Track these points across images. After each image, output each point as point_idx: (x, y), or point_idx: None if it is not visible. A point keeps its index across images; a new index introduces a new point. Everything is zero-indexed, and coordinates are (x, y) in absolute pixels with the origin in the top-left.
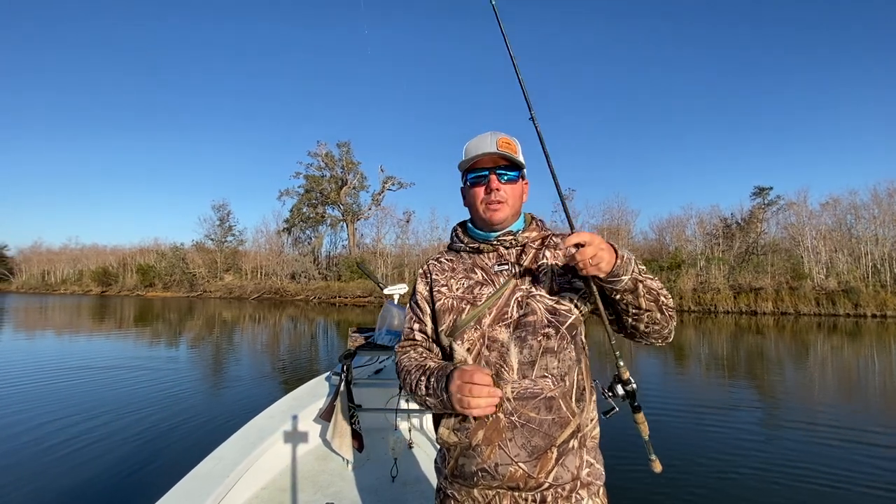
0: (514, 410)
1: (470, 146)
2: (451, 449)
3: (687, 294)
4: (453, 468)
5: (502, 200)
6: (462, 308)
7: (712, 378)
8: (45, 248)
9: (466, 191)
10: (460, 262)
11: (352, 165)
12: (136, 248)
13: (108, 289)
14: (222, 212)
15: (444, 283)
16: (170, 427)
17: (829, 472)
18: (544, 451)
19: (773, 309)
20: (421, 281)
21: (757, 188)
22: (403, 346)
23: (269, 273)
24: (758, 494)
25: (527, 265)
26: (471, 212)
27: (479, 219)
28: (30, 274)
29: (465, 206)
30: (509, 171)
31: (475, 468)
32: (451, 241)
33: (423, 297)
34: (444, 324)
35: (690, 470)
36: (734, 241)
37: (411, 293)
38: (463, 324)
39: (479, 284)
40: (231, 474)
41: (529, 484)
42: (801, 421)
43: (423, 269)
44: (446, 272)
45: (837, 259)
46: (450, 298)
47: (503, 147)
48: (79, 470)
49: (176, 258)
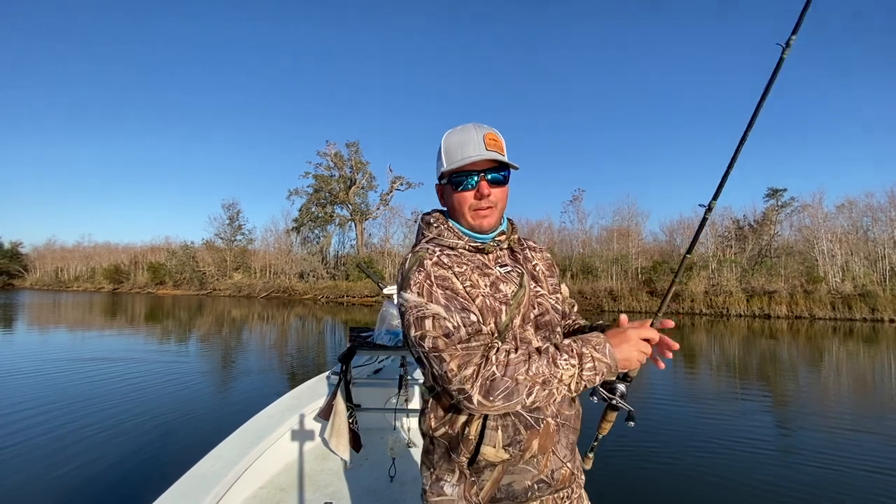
0: (557, 412)
1: (452, 142)
2: (485, 471)
3: (698, 297)
4: (493, 493)
5: (492, 206)
6: (499, 308)
7: (722, 382)
8: (58, 246)
9: (449, 193)
10: (465, 260)
11: (360, 165)
12: (148, 247)
13: (119, 286)
14: (232, 211)
15: (468, 278)
16: (177, 423)
17: (844, 482)
18: (574, 446)
19: (787, 313)
20: (444, 270)
21: (770, 190)
22: (471, 347)
23: (278, 272)
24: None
25: (528, 266)
26: (452, 214)
27: (465, 224)
28: (43, 271)
29: (442, 206)
30: (499, 173)
31: (531, 482)
32: (437, 237)
33: (457, 288)
34: (488, 325)
35: (696, 474)
36: (747, 244)
37: (431, 283)
38: (504, 325)
39: (500, 282)
40: (230, 473)
41: (570, 481)
42: (816, 427)
43: (434, 259)
44: (462, 265)
45: (853, 262)
46: (485, 297)
47: (492, 146)
48: (84, 464)
49: (186, 256)
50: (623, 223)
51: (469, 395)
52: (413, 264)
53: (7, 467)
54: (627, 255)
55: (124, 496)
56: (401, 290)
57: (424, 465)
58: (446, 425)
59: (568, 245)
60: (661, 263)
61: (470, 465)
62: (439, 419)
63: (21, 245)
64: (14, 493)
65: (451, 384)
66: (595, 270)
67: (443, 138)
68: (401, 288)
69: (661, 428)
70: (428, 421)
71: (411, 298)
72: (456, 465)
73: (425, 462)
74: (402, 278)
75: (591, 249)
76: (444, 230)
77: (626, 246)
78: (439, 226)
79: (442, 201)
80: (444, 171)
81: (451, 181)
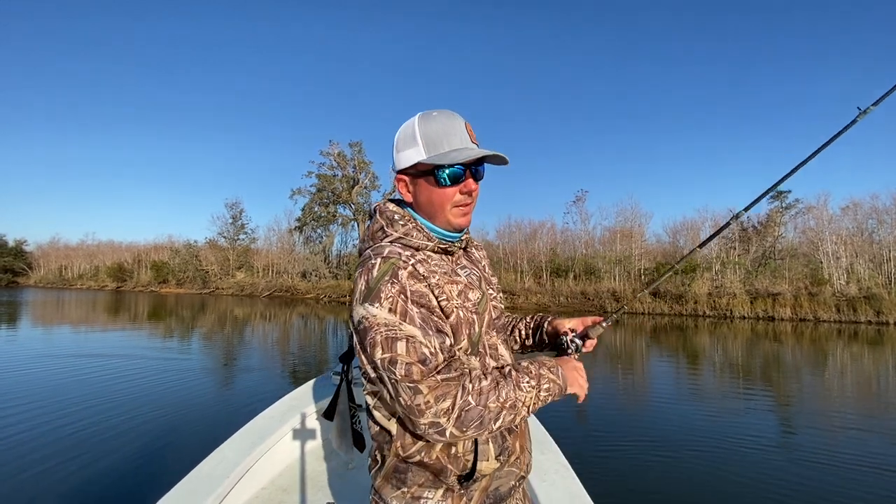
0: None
1: (434, 130)
2: (474, 483)
3: (702, 298)
4: (482, 501)
5: (473, 203)
6: (472, 319)
7: (725, 384)
8: (62, 244)
9: (424, 187)
10: (434, 266)
11: (363, 165)
12: (151, 245)
13: (122, 284)
14: (235, 210)
15: (443, 291)
16: (179, 422)
17: (850, 478)
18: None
19: (791, 315)
20: (420, 284)
21: (775, 191)
22: (450, 378)
23: (281, 271)
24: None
25: (479, 267)
26: (422, 209)
27: (440, 222)
28: (47, 269)
29: (407, 199)
30: (481, 167)
31: (514, 481)
32: (403, 236)
33: (433, 306)
34: (463, 340)
35: (698, 474)
36: (751, 245)
37: (406, 299)
38: (477, 338)
39: (468, 290)
40: (231, 474)
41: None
42: (820, 428)
43: (409, 269)
44: (436, 274)
45: (858, 264)
46: (459, 309)
47: (473, 138)
48: (85, 464)
49: (189, 255)
50: (626, 224)
51: (443, 428)
52: (384, 273)
53: (7, 466)
54: (630, 256)
55: (127, 496)
56: (365, 302)
57: (390, 484)
58: (423, 451)
59: (571, 246)
60: (664, 265)
61: (463, 482)
62: (411, 444)
63: (25, 243)
64: (14, 492)
65: (422, 417)
66: (598, 271)
67: (416, 123)
68: (365, 299)
69: (663, 428)
70: (394, 448)
71: (381, 315)
72: (443, 484)
73: (391, 482)
74: (366, 287)
75: (593, 250)
76: (411, 229)
77: (629, 247)
78: (406, 224)
79: (407, 195)
80: (424, 162)
81: (433, 174)
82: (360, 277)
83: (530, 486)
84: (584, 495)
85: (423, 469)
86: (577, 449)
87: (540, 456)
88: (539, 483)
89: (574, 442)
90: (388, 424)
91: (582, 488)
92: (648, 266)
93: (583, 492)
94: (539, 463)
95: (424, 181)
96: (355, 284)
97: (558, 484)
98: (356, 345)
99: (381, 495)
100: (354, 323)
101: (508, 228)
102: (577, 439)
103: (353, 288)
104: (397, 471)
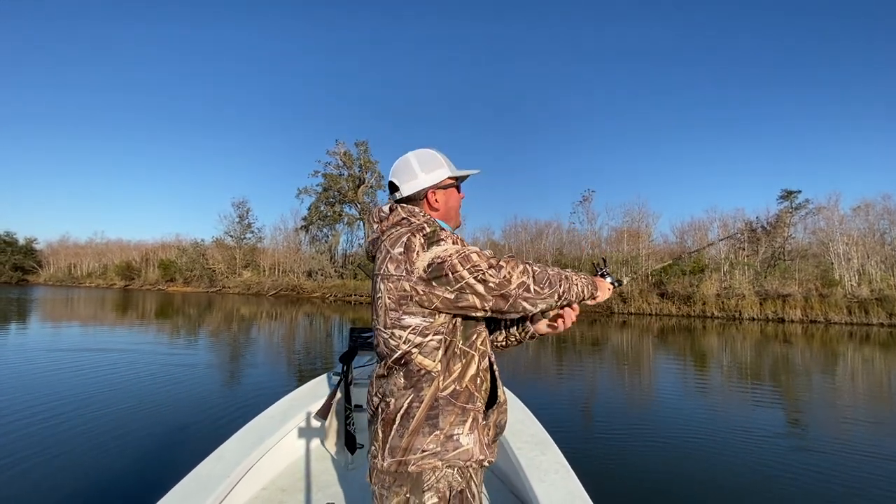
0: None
1: (443, 159)
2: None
3: (710, 299)
4: (495, 432)
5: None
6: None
7: (732, 386)
8: (71, 242)
9: (452, 195)
10: None
11: (369, 164)
12: (159, 244)
13: (130, 283)
14: (242, 209)
15: None
16: (181, 421)
17: (857, 491)
18: None
19: (801, 317)
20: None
21: (784, 191)
22: (511, 256)
23: (287, 270)
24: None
25: None
26: (447, 212)
27: (452, 223)
28: (57, 267)
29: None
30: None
31: (507, 417)
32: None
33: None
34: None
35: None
36: (760, 246)
37: (454, 236)
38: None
39: None
40: (231, 475)
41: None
42: (827, 433)
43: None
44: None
45: (870, 266)
46: None
47: None
48: (85, 464)
49: (196, 254)
50: (633, 224)
51: (528, 285)
52: (434, 229)
53: (6, 463)
54: (637, 257)
55: (127, 496)
56: (432, 246)
57: (421, 433)
58: (455, 382)
59: (577, 246)
60: (671, 265)
61: (489, 407)
62: (449, 376)
63: (36, 241)
64: (14, 491)
65: (511, 283)
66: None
67: (435, 152)
68: (430, 245)
69: (665, 429)
70: (434, 386)
71: (448, 247)
72: (471, 413)
73: (423, 429)
74: (425, 238)
75: (600, 251)
76: (438, 230)
77: (637, 247)
78: (434, 226)
79: (435, 203)
80: (451, 177)
81: (455, 185)
82: (414, 235)
83: (530, 486)
84: (583, 495)
85: (455, 401)
86: (577, 449)
87: (540, 456)
88: (539, 483)
89: (574, 442)
90: (432, 365)
91: (582, 488)
92: (656, 266)
93: (582, 492)
94: (539, 463)
95: (446, 191)
96: (407, 249)
97: (558, 484)
98: (422, 289)
99: (412, 449)
100: (426, 265)
101: (514, 228)
102: (577, 439)
103: (403, 252)
104: (430, 416)
